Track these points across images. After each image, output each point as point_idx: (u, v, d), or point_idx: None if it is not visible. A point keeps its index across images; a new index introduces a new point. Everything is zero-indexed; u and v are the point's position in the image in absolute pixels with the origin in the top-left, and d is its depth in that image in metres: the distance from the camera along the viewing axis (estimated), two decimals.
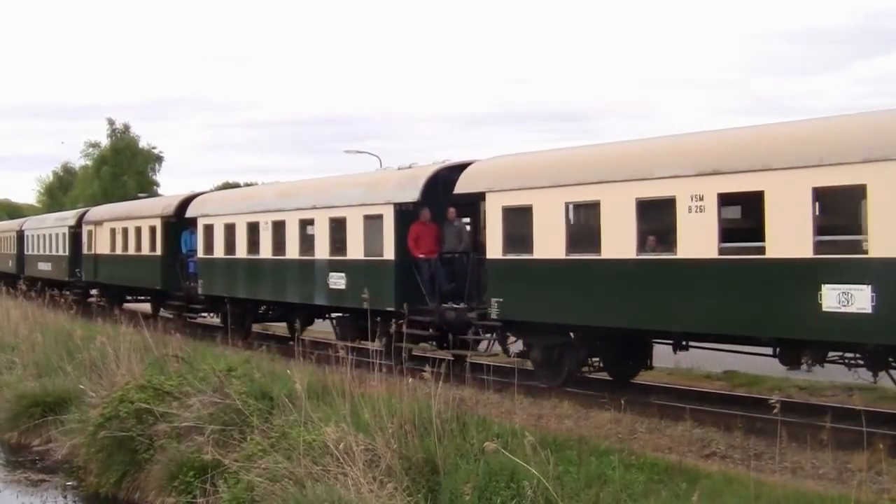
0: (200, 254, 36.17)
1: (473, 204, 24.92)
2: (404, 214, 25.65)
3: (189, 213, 37.10)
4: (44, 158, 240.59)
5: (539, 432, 15.36)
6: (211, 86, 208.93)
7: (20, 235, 64.38)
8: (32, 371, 28.91)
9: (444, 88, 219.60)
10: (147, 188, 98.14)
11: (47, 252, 56.54)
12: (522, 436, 13.76)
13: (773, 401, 13.37)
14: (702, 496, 12.21)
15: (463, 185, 24.05)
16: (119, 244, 44.19)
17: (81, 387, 23.94)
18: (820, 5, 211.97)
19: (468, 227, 26.64)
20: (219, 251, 34.69)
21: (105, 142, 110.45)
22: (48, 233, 56.86)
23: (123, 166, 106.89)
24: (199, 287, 35.89)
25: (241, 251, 33.19)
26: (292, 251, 30.27)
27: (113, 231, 45.14)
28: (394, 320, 22.40)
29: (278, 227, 31.05)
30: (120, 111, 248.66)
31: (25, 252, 62.58)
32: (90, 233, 48.58)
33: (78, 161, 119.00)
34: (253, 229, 32.55)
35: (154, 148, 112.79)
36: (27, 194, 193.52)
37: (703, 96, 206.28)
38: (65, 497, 21.45)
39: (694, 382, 23.07)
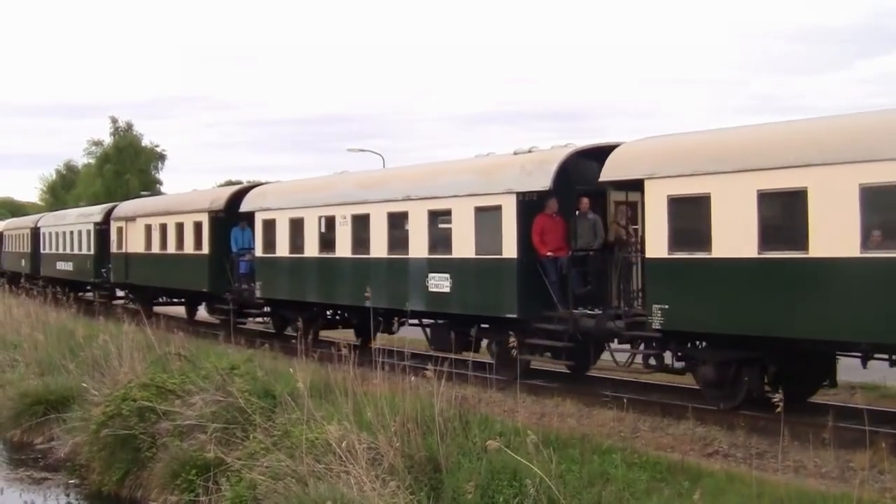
0: (259, 252, 32.62)
1: (601, 194, 22.25)
2: (528, 206, 22.31)
3: (244, 207, 33.52)
4: (47, 156, 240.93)
5: (542, 431, 15.37)
6: (214, 84, 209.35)
7: (35, 233, 60.69)
8: (35, 369, 28.90)
9: (447, 87, 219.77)
10: (150, 187, 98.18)
11: (68, 250, 52.80)
12: (525, 434, 13.78)
13: (775, 399, 13.36)
14: (704, 495, 12.22)
15: (613, 171, 20.33)
16: (156, 242, 40.61)
17: (84, 385, 23.94)
18: (823, 5, 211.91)
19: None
20: (282, 249, 31.11)
21: (108, 140, 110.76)
22: (69, 230, 53.01)
23: (126, 164, 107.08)
24: (256, 289, 32.48)
25: (312, 249, 29.63)
26: (378, 249, 26.67)
27: (148, 228, 41.49)
28: (509, 330, 19.64)
29: (360, 222, 27.44)
30: (123, 109, 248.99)
31: (41, 250, 58.77)
32: (120, 230, 44.98)
33: (81, 159, 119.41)
34: (327, 224, 29.14)
35: (157, 146, 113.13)
36: (30, 192, 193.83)
37: (707, 96, 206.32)
38: (67, 495, 21.47)
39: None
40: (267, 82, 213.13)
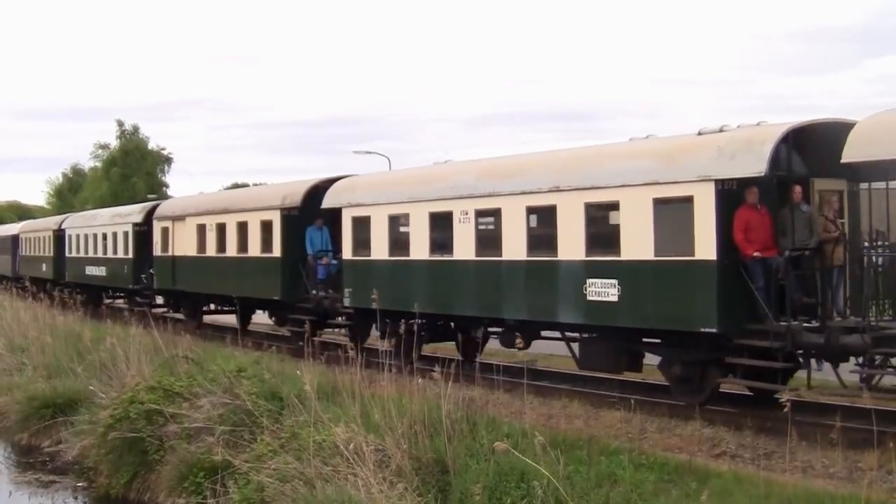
0: (347, 254, 28.38)
1: (784, 184, 18.86)
2: (727, 196, 18.34)
3: (328, 203, 29.20)
4: (53, 160, 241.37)
5: (549, 432, 15.37)
6: (220, 87, 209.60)
7: (59, 235, 55.94)
8: (43, 372, 28.96)
9: (452, 88, 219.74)
10: (157, 189, 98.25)
11: (100, 254, 48.07)
12: (532, 436, 13.77)
13: (783, 400, 13.35)
14: (712, 495, 12.23)
15: (865, 149, 16.36)
16: (212, 244, 36.10)
17: (91, 388, 23.97)
18: (829, 4, 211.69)
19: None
20: (380, 251, 26.92)
21: (114, 143, 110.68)
22: (102, 231, 48.22)
23: (133, 168, 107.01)
24: (344, 297, 28.24)
25: (420, 250, 25.39)
26: (514, 250, 22.44)
27: (202, 228, 36.93)
28: (697, 346, 18.16)
29: (487, 218, 23.57)
30: (129, 112, 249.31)
31: (67, 254, 54.02)
32: (165, 230, 40.41)
33: (87, 162, 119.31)
34: (440, 221, 24.72)
35: (163, 149, 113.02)
36: (36, 196, 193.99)
37: (713, 96, 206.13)
38: (75, 498, 21.51)
39: None
40: (272, 85, 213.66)
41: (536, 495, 12.69)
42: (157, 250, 41.09)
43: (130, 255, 44.10)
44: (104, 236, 47.79)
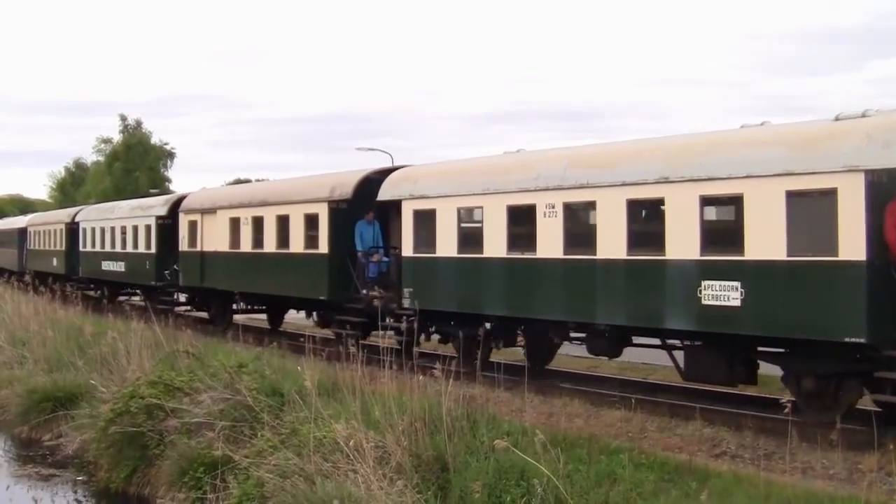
0: (408, 251, 25.75)
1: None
2: (878, 188, 16.24)
3: (384, 195, 26.93)
4: (56, 154, 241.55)
5: (549, 430, 15.38)
6: (224, 82, 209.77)
7: (72, 228, 53.29)
8: (43, 366, 28.96)
9: (456, 86, 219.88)
10: (159, 184, 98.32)
11: (119, 248, 45.45)
12: (533, 434, 13.77)
13: (783, 401, 13.34)
14: (711, 495, 12.23)
15: None
16: (247, 239, 33.49)
17: (92, 382, 23.97)
18: (833, 6, 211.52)
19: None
20: (447, 247, 24.40)
21: (117, 138, 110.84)
22: (121, 224, 45.51)
23: (135, 162, 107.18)
24: (404, 298, 25.61)
25: (496, 247, 22.84)
26: (611, 248, 20.04)
27: (235, 222, 34.28)
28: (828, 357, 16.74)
29: (578, 212, 21.44)
30: (132, 107, 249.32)
31: (81, 248, 51.36)
32: (193, 224, 37.76)
33: (90, 157, 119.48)
34: (521, 215, 22.31)
35: (166, 144, 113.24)
36: (39, 190, 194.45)
37: (716, 96, 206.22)
38: (75, 492, 21.49)
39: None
40: (276, 81, 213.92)
41: (536, 493, 12.69)
42: (183, 245, 38.51)
43: (153, 250, 41.53)
44: (123, 230, 45.23)
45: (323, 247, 29.13)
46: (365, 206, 28.15)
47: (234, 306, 36.87)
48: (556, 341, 23.29)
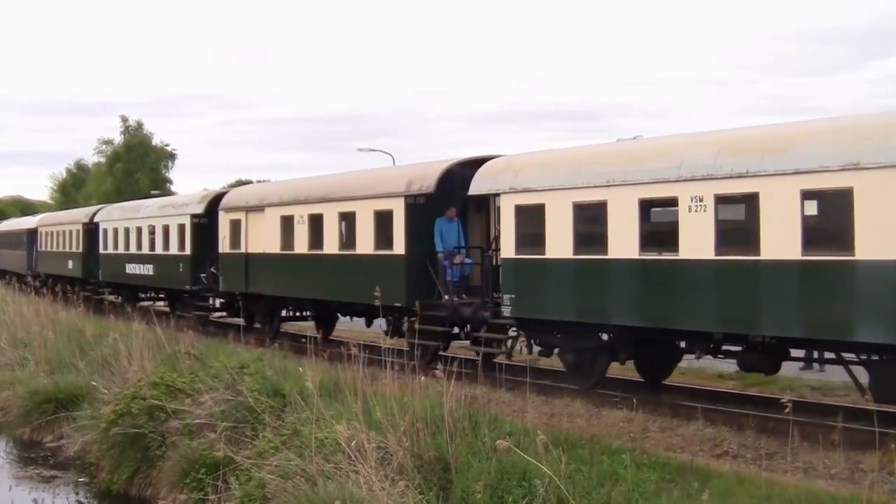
0: (508, 252, 22.55)
1: None
2: None
3: (478, 189, 23.80)
4: (57, 155, 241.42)
5: (551, 431, 15.37)
6: (225, 83, 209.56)
7: (90, 229, 50.15)
8: (45, 367, 28.99)
9: (457, 86, 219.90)
10: (160, 185, 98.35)
11: (147, 250, 42.15)
12: (534, 434, 13.76)
13: (784, 400, 13.34)
14: (713, 495, 12.23)
15: None
16: (302, 239, 30.30)
17: (94, 383, 24.01)
18: (834, 5, 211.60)
19: None
20: (558, 247, 21.19)
21: (118, 139, 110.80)
22: (149, 224, 42.36)
23: (137, 163, 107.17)
24: (504, 305, 22.57)
25: (624, 246, 19.72)
26: (781, 246, 17.16)
27: (288, 220, 31.05)
28: None
29: (735, 204, 18.34)
30: (133, 108, 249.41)
31: (101, 250, 48.02)
32: (235, 223, 34.44)
33: (91, 158, 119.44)
34: (658, 209, 19.74)
35: (167, 145, 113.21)
36: (40, 191, 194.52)
37: (717, 96, 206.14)
38: (77, 493, 21.53)
39: (706, 382, 23.04)
40: (278, 81, 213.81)
41: (538, 494, 12.70)
42: (223, 246, 35.16)
43: (188, 252, 38.22)
44: (152, 230, 41.91)
45: (399, 247, 25.97)
46: (444, 202, 25.38)
47: (283, 313, 33.71)
48: (697, 355, 20.21)
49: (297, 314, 33.56)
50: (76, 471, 22.65)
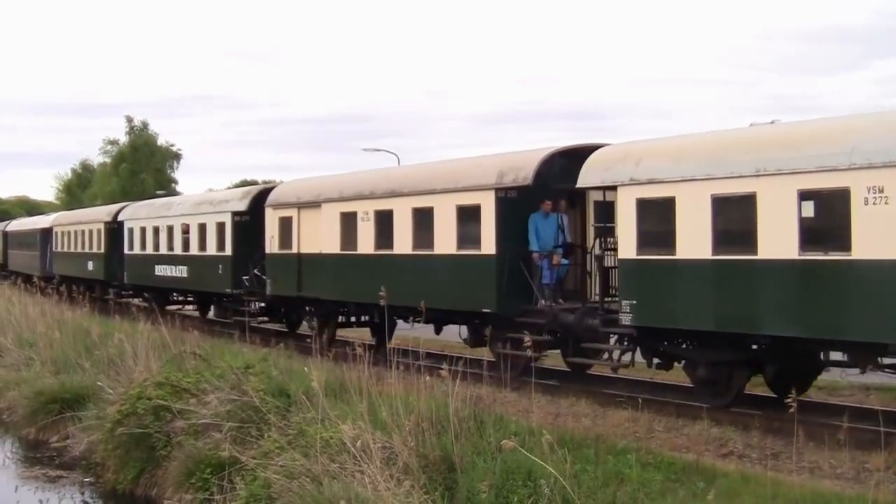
0: (627, 252, 19.94)
1: None
2: None
3: (588, 181, 21.12)
4: (62, 155, 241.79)
5: (556, 431, 15.35)
6: (230, 83, 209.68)
7: (113, 228, 47.50)
8: (50, 367, 29.00)
9: (462, 86, 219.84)
10: (166, 186, 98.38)
11: (180, 251, 39.45)
12: (540, 434, 13.75)
13: (790, 400, 13.33)
14: (719, 495, 12.21)
15: None
16: (367, 238, 27.60)
17: (99, 383, 24.01)
18: (838, 5, 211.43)
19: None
20: (692, 247, 18.62)
21: (124, 139, 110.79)
22: (183, 222, 39.45)
23: (142, 164, 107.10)
24: (622, 312, 19.92)
25: (779, 245, 17.21)
26: None
27: (349, 217, 28.43)
28: None
29: None
30: (139, 108, 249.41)
31: (127, 251, 45.23)
32: (285, 221, 31.69)
33: (96, 158, 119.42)
34: (823, 201, 16.76)
35: (172, 145, 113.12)
36: (46, 191, 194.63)
37: (721, 95, 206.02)
38: (82, 493, 21.54)
39: None
40: (282, 81, 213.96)
41: (543, 494, 12.68)
42: (271, 246, 32.38)
43: (228, 252, 35.28)
44: (185, 229, 39.07)
45: (488, 246, 23.30)
46: (537, 195, 22.95)
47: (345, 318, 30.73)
48: (861, 369, 17.78)
49: (356, 320, 30.39)
50: (82, 471, 22.66)
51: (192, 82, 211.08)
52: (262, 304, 34.66)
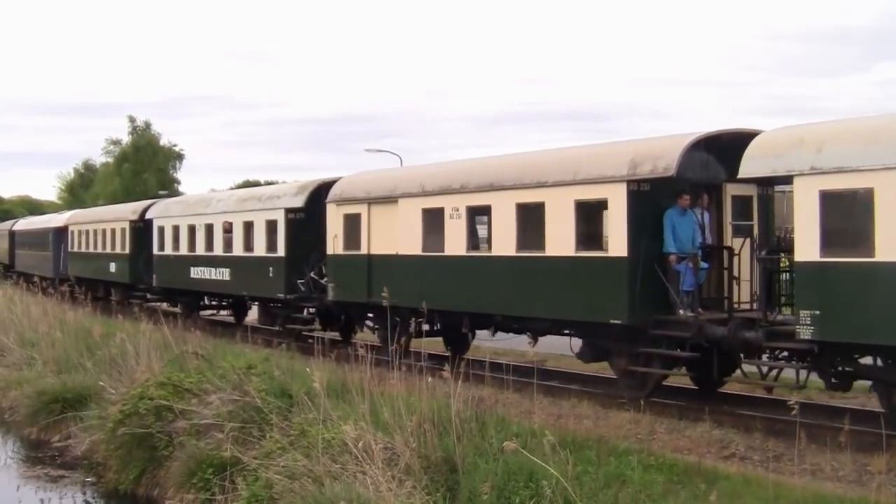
0: (807, 254, 16.86)
1: None
2: None
3: (753, 170, 18.05)
4: (65, 155, 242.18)
5: (558, 432, 15.33)
6: (232, 84, 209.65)
7: (140, 227, 44.48)
8: (52, 367, 29.01)
9: (464, 87, 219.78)
10: (168, 186, 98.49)
11: (220, 251, 36.17)
12: (542, 435, 13.75)
13: (791, 402, 13.32)
14: (720, 497, 12.20)
15: None
16: (457, 238, 24.36)
17: (101, 383, 23.98)
18: (841, 6, 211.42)
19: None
20: None
21: (126, 139, 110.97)
22: (224, 221, 36.14)
23: (144, 164, 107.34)
24: (800, 325, 16.75)
25: None
26: None
27: (434, 214, 25.18)
28: None
29: None
30: (141, 108, 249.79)
31: (156, 251, 42.01)
32: (352, 218, 28.42)
33: (99, 158, 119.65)
34: None
35: (175, 146, 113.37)
36: (48, 191, 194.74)
37: (722, 96, 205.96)
38: (84, 493, 21.54)
39: None
40: (284, 82, 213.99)
41: (545, 495, 12.68)
42: (334, 247, 29.10)
43: (281, 253, 32.03)
44: (228, 227, 35.87)
45: (618, 247, 20.18)
46: (673, 189, 20.08)
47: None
48: None
49: (431, 328, 26.65)
50: (83, 471, 22.67)
51: (193, 82, 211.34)
52: (312, 310, 31.39)
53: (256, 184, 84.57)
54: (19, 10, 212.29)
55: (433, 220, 25.22)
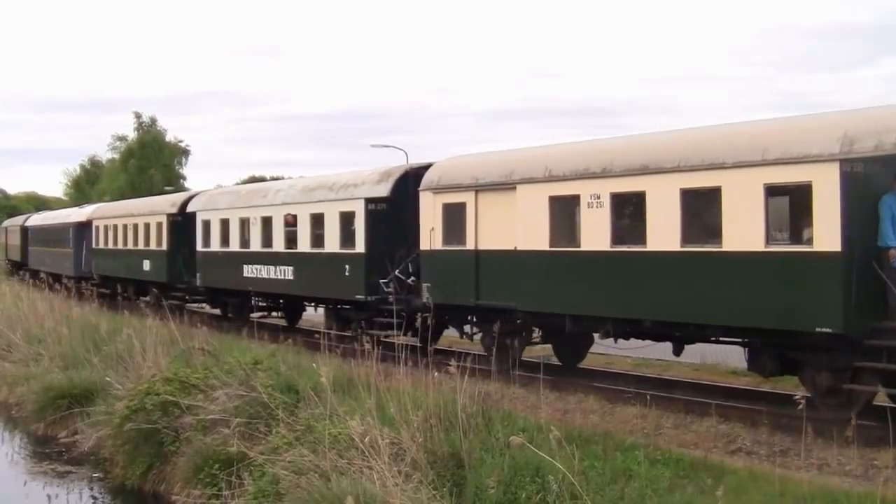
0: None
1: None
2: None
3: None
4: (71, 151, 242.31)
5: (565, 427, 15.32)
6: (238, 80, 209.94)
7: (179, 221, 40.58)
8: (59, 363, 29.02)
9: (470, 83, 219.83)
10: (174, 182, 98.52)
11: (280, 247, 32.14)
12: (548, 430, 13.73)
13: (798, 397, 13.30)
14: (727, 492, 12.18)
15: None
16: (599, 229, 20.44)
17: (108, 379, 24.02)
18: (846, 1, 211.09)
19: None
20: None
21: (132, 135, 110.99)
22: (284, 213, 32.00)
23: (150, 160, 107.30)
24: None
25: None
26: None
27: (564, 203, 21.64)
28: None
29: None
30: (147, 105, 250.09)
31: (200, 248, 37.94)
32: (454, 209, 24.51)
33: (105, 154, 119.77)
34: None
35: (181, 141, 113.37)
36: (54, 187, 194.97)
37: (731, 92, 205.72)
38: (91, 489, 21.57)
39: (720, 378, 22.97)
40: (290, 78, 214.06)
41: (551, 490, 12.69)
42: (431, 241, 25.15)
43: (360, 249, 27.91)
44: (289, 221, 31.93)
45: (828, 241, 16.31)
46: (888, 170, 16.46)
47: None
48: None
49: (542, 334, 24.14)
50: (90, 466, 22.70)
51: (199, 79, 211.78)
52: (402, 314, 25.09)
53: (262, 179, 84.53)
54: (25, 7, 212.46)
55: (565, 210, 21.74)
